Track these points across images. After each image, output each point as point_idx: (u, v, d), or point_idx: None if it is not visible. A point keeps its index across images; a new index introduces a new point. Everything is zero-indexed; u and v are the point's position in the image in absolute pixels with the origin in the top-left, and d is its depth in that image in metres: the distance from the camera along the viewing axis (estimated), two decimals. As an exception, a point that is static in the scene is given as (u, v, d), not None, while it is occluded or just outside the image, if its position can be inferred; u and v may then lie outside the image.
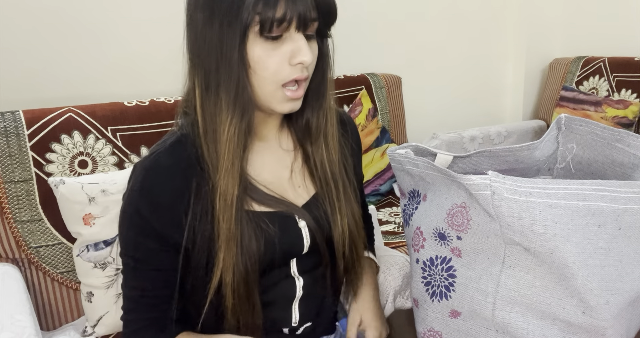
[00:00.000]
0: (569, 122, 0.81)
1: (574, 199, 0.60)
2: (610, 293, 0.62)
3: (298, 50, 0.65)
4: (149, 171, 0.69)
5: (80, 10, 1.40)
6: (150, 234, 0.70)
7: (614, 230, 0.61)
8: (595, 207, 0.60)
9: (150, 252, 0.71)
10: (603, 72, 2.03)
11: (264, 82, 0.66)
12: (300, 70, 0.66)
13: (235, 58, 0.64)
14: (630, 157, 0.75)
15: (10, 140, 1.10)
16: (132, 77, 1.50)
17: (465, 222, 0.69)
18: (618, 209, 0.61)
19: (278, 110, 0.69)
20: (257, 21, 0.62)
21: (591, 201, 0.60)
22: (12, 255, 1.13)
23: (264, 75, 0.65)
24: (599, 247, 0.61)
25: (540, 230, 0.61)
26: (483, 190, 0.63)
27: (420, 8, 2.08)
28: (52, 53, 1.38)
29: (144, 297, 0.73)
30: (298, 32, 0.64)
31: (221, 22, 0.63)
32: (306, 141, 0.77)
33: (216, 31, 0.64)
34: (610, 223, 0.61)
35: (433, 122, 2.20)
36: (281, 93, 0.67)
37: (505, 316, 0.68)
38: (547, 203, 0.61)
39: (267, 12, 0.61)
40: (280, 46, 0.65)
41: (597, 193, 0.60)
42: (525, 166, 0.82)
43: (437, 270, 0.75)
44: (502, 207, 0.62)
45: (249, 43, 0.64)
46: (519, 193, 0.61)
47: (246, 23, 0.62)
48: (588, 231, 0.61)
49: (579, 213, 0.61)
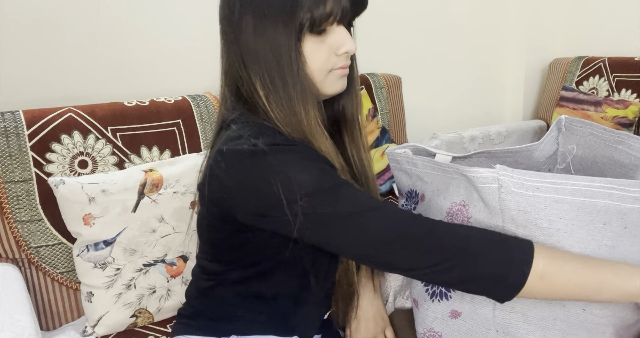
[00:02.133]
0: (569, 123, 0.81)
1: (581, 196, 0.60)
2: (611, 292, 0.62)
3: (342, 41, 0.71)
4: (268, 136, 0.69)
5: (81, 10, 1.40)
6: (319, 162, 0.69)
7: (619, 228, 0.61)
8: (602, 205, 0.60)
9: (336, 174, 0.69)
10: (603, 72, 2.03)
11: (317, 72, 0.71)
12: (345, 59, 0.73)
13: (294, 56, 0.69)
14: (632, 158, 0.75)
15: (10, 140, 1.10)
16: (132, 77, 1.50)
17: (465, 220, 0.69)
18: (625, 208, 0.60)
19: (331, 91, 0.74)
20: (308, 18, 0.67)
21: (598, 198, 0.60)
22: (12, 255, 1.13)
23: (316, 66, 0.71)
24: (603, 244, 0.61)
25: (544, 225, 0.61)
26: (490, 183, 0.63)
27: (420, 8, 2.08)
28: (52, 53, 1.38)
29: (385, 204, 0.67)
30: (339, 24, 0.70)
31: (275, 24, 0.68)
32: (341, 130, 0.82)
33: (270, 33, 0.68)
34: (616, 221, 0.61)
35: (433, 122, 2.20)
36: (331, 75, 0.73)
37: (506, 316, 0.68)
38: (554, 198, 0.60)
39: (318, 10, 0.67)
40: (325, 39, 0.70)
41: (604, 191, 0.60)
42: (524, 167, 0.82)
43: (437, 271, 0.75)
44: (508, 200, 0.62)
45: (303, 40, 0.69)
46: (526, 187, 0.61)
47: (301, 22, 0.67)
48: (593, 228, 0.61)
49: (585, 210, 0.60)
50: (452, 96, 2.28)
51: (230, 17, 0.71)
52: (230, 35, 0.72)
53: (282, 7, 0.67)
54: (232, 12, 0.71)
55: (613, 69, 2.00)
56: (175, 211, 1.15)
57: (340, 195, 0.65)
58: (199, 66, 1.57)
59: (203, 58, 1.57)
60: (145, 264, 1.13)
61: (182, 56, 1.56)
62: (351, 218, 0.64)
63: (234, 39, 0.72)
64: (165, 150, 1.26)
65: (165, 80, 1.54)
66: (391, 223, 0.63)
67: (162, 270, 1.15)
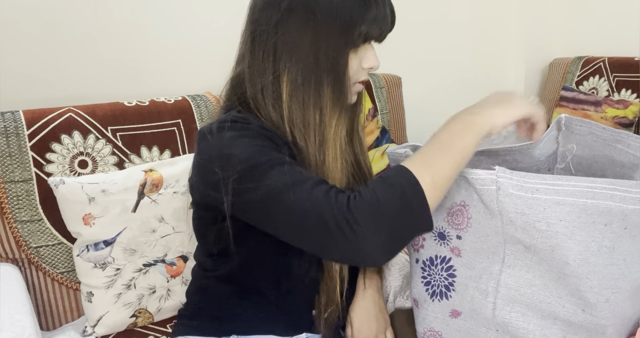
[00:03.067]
0: (569, 122, 0.81)
1: (583, 197, 0.60)
2: (611, 291, 0.62)
3: (370, 57, 0.76)
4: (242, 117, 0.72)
5: (80, 10, 1.40)
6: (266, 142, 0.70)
7: (619, 229, 0.61)
8: (603, 206, 0.60)
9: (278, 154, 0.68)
10: (603, 72, 2.03)
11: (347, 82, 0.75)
12: (366, 73, 0.78)
13: (342, 61, 0.73)
14: (631, 157, 0.75)
15: (10, 140, 1.10)
16: (132, 77, 1.50)
17: (465, 220, 0.69)
18: (627, 209, 0.60)
19: (351, 102, 0.80)
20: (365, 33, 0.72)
21: (600, 200, 0.60)
22: (12, 255, 1.13)
23: (348, 74, 0.75)
24: (603, 245, 0.61)
25: (543, 227, 0.61)
26: (488, 185, 0.63)
27: (420, 8, 2.08)
28: (52, 53, 1.38)
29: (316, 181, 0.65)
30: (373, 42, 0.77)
31: (329, 28, 0.71)
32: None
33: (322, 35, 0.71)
34: (617, 222, 0.61)
35: (433, 122, 2.19)
36: (354, 87, 0.79)
37: (506, 315, 0.68)
38: (554, 200, 0.60)
39: (374, 28, 0.73)
40: (358, 52, 0.75)
41: (606, 192, 0.60)
42: (525, 166, 0.81)
43: (437, 270, 0.75)
44: (506, 203, 0.62)
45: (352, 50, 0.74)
46: (525, 189, 0.61)
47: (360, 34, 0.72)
48: (594, 229, 0.61)
49: (587, 211, 0.60)
50: (452, 96, 2.28)
51: (272, 8, 0.72)
52: (264, 26, 0.73)
53: (342, 14, 0.70)
54: (278, 4, 0.72)
55: (613, 69, 2.00)
56: (175, 211, 1.15)
57: (269, 174, 0.64)
58: (199, 66, 1.57)
59: (203, 58, 1.57)
60: (145, 264, 1.13)
61: (182, 56, 1.56)
62: (273, 197, 0.62)
63: (270, 31, 0.72)
64: (165, 150, 1.26)
65: (165, 80, 1.54)
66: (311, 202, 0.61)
67: (162, 270, 1.15)
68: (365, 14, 0.71)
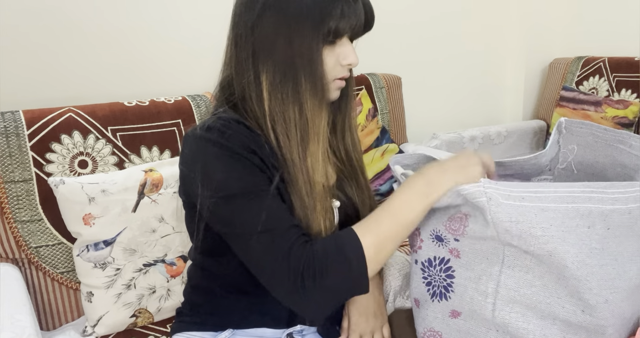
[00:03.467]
0: (569, 125, 0.81)
1: (564, 202, 0.61)
2: (609, 291, 0.63)
3: (348, 53, 0.76)
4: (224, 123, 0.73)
5: (81, 10, 1.40)
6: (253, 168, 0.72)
7: (603, 230, 0.62)
8: (583, 209, 0.61)
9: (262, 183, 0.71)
10: (603, 72, 2.03)
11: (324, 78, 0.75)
12: (346, 70, 0.78)
13: (316, 57, 0.73)
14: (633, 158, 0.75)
15: (10, 140, 1.10)
16: (132, 77, 1.50)
17: (461, 228, 0.70)
18: (606, 210, 0.61)
19: (331, 98, 0.80)
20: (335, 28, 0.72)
21: (579, 203, 0.61)
22: (12, 255, 1.13)
23: (325, 70, 0.75)
24: (592, 247, 0.62)
25: (538, 233, 0.61)
26: (479, 197, 0.64)
27: (420, 8, 2.08)
28: (52, 53, 1.38)
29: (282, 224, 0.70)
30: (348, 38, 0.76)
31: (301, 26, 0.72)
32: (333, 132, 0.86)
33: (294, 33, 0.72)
34: (599, 223, 0.61)
35: (433, 122, 2.20)
36: (333, 84, 0.78)
37: (506, 316, 0.68)
38: (539, 206, 0.61)
39: (344, 22, 0.72)
40: (335, 49, 0.75)
41: (585, 195, 0.61)
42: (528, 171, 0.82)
43: (435, 271, 0.75)
44: (499, 212, 0.62)
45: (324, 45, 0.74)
46: (513, 198, 0.62)
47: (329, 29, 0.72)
48: (580, 232, 0.61)
49: (569, 216, 0.61)
50: (452, 96, 2.28)
51: (248, 11, 0.74)
52: (242, 30, 0.75)
53: (311, 12, 0.71)
54: (252, 7, 0.73)
55: (613, 69, 2.00)
56: (175, 211, 1.15)
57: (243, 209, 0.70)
58: (199, 66, 1.57)
59: (203, 58, 1.57)
60: (145, 264, 1.13)
61: (182, 56, 1.56)
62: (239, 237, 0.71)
63: (248, 34, 0.74)
64: (165, 150, 1.26)
65: (164, 80, 1.54)
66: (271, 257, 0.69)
67: (162, 270, 1.15)
68: (333, 9, 0.71)
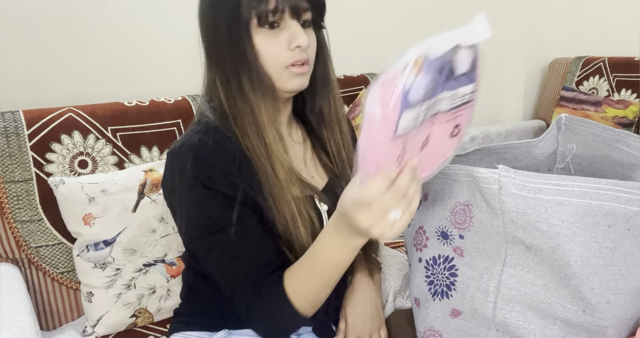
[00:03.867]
0: (569, 122, 0.81)
1: (588, 198, 0.60)
2: (612, 292, 0.62)
3: (294, 35, 0.72)
4: (197, 146, 0.73)
5: (81, 10, 1.40)
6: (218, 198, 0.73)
7: (622, 230, 0.61)
8: (608, 207, 0.60)
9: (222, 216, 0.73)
10: (603, 72, 2.02)
11: (271, 66, 0.73)
12: (299, 53, 0.73)
13: (246, 50, 0.72)
14: (630, 157, 0.75)
15: (10, 140, 1.10)
16: (132, 77, 1.50)
17: (467, 220, 0.69)
18: (631, 211, 0.60)
19: (289, 88, 0.76)
20: (255, 15, 0.70)
21: (605, 201, 0.60)
22: (12, 255, 1.13)
23: (269, 60, 0.73)
24: (604, 246, 0.61)
25: (544, 228, 0.61)
26: (491, 184, 0.63)
27: (420, 8, 2.08)
28: (52, 53, 1.38)
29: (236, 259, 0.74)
30: (293, 19, 0.72)
31: (227, 21, 0.72)
32: (321, 128, 0.84)
33: (224, 29, 0.73)
34: (621, 224, 0.61)
35: (433, 122, 2.20)
36: (287, 72, 0.74)
37: (506, 315, 0.68)
38: (558, 200, 0.60)
39: (261, 6, 0.70)
40: (279, 34, 0.72)
41: (612, 194, 0.60)
42: (524, 164, 0.81)
43: (439, 269, 0.75)
44: (508, 202, 0.62)
45: (254, 34, 0.72)
46: (528, 189, 0.61)
47: (247, 18, 0.71)
48: (597, 230, 0.61)
49: (591, 213, 0.60)
50: (452, 96, 2.27)
51: (199, 20, 0.78)
52: (202, 34, 0.78)
53: (231, 6, 0.71)
54: (199, 15, 0.77)
55: (613, 69, 2.00)
56: (175, 211, 1.15)
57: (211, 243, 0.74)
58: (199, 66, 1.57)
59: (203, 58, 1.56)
60: (145, 264, 1.13)
61: (182, 56, 1.56)
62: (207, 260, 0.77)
63: (202, 40, 0.78)
64: (165, 150, 1.26)
65: (165, 80, 1.54)
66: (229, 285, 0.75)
67: (162, 270, 1.15)
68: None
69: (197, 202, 0.73)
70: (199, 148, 0.73)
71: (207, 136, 0.74)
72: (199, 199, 0.73)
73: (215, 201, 0.73)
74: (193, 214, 0.74)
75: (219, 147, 0.74)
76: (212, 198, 0.73)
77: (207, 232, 0.73)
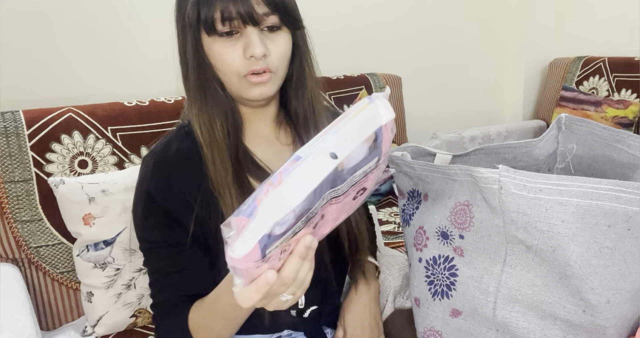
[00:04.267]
0: (569, 121, 0.81)
1: (588, 198, 0.60)
2: (612, 292, 0.62)
3: (248, 44, 0.68)
4: (158, 157, 0.73)
5: (81, 10, 1.40)
6: (161, 216, 0.73)
7: (622, 230, 0.61)
8: (608, 207, 0.60)
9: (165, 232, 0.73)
10: (603, 72, 2.03)
11: (227, 76, 0.71)
12: (255, 62, 0.69)
13: (198, 60, 0.71)
14: (630, 157, 0.75)
15: (10, 140, 1.10)
16: (132, 77, 1.50)
17: (467, 220, 0.69)
18: (631, 211, 0.60)
19: (248, 97, 0.73)
20: (197, 21, 0.68)
21: (605, 201, 0.60)
22: (12, 255, 1.13)
23: (224, 69, 0.70)
24: (605, 246, 0.61)
25: (544, 228, 0.61)
26: (491, 184, 0.63)
27: (420, 8, 2.08)
28: (52, 53, 1.38)
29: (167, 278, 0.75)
30: (251, 26, 0.68)
31: (182, 31, 0.72)
32: (300, 129, 0.81)
33: (181, 39, 0.72)
34: (621, 224, 0.61)
35: (433, 122, 2.20)
36: (245, 81, 0.71)
37: (506, 315, 0.68)
38: (558, 200, 0.60)
39: (206, 15, 0.67)
40: (236, 42, 0.69)
41: (612, 194, 0.60)
42: (524, 164, 0.81)
43: (439, 269, 0.75)
44: (508, 202, 0.62)
45: (205, 43, 0.70)
46: (528, 189, 0.61)
47: (193, 26, 0.69)
48: (597, 230, 0.61)
49: (591, 213, 0.60)
50: (452, 96, 2.28)
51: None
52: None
53: (181, 15, 0.71)
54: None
55: (613, 69, 2.00)
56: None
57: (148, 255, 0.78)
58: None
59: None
60: (145, 264, 1.13)
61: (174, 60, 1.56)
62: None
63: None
64: (165, 150, 1.26)
65: (165, 80, 1.54)
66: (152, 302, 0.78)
67: (162, 270, 1.15)
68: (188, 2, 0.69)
69: (145, 216, 0.74)
70: (162, 159, 0.73)
71: (174, 144, 0.74)
72: (146, 214, 0.74)
73: (163, 219, 0.73)
74: (141, 226, 0.75)
75: (183, 159, 0.73)
76: (161, 216, 0.73)
77: (150, 245, 0.75)
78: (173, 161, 0.74)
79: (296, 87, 0.78)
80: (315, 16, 1.79)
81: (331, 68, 1.80)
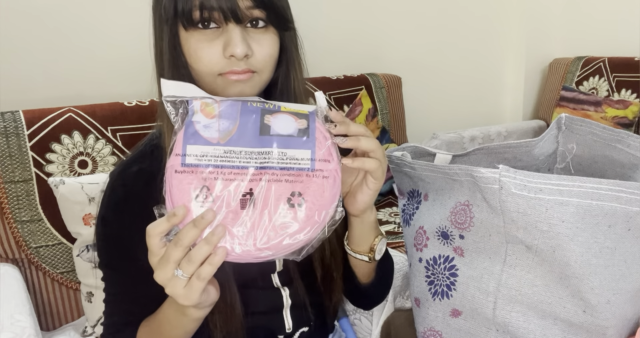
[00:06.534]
0: (569, 121, 0.81)
1: (588, 198, 0.60)
2: (612, 292, 0.62)
3: (229, 42, 0.60)
4: (116, 181, 0.69)
5: (81, 10, 1.40)
6: (115, 241, 0.69)
7: (623, 230, 0.61)
8: (608, 208, 0.60)
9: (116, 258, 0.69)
10: (603, 72, 2.03)
11: (200, 75, 0.63)
12: (236, 62, 0.61)
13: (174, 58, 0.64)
14: (630, 157, 0.75)
15: (10, 140, 1.10)
16: (132, 77, 1.50)
17: (468, 220, 0.69)
18: (632, 211, 0.60)
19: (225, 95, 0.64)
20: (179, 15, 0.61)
21: (605, 201, 0.60)
22: (12, 255, 1.13)
23: (198, 67, 0.62)
24: (605, 246, 0.61)
25: (544, 228, 0.61)
26: (491, 184, 0.63)
27: (420, 8, 2.08)
28: (52, 53, 1.38)
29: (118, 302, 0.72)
30: (233, 23, 0.61)
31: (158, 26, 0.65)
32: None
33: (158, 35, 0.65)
34: (621, 224, 0.61)
35: (433, 122, 2.20)
36: (221, 79, 0.63)
37: (506, 315, 0.68)
38: (558, 200, 0.60)
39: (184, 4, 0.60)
40: (216, 38, 0.61)
41: (612, 194, 0.60)
42: (524, 164, 0.81)
43: (440, 269, 0.75)
44: (508, 202, 0.62)
45: (182, 39, 0.63)
46: (528, 189, 0.61)
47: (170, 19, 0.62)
48: (597, 230, 0.61)
49: (591, 213, 0.60)
50: (452, 96, 2.28)
51: None
52: None
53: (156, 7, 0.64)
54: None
55: (613, 69, 2.00)
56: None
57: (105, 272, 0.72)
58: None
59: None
60: (145, 264, 1.13)
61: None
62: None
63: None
64: (165, 150, 1.26)
65: (165, 81, 1.54)
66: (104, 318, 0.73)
67: (162, 270, 1.15)
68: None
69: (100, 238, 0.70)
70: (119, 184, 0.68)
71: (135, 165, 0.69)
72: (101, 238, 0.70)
73: (116, 249, 0.69)
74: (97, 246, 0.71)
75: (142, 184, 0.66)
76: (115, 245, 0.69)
77: (104, 268, 0.71)
78: (130, 186, 0.68)
79: (281, 93, 0.70)
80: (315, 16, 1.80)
81: (331, 68, 1.80)
